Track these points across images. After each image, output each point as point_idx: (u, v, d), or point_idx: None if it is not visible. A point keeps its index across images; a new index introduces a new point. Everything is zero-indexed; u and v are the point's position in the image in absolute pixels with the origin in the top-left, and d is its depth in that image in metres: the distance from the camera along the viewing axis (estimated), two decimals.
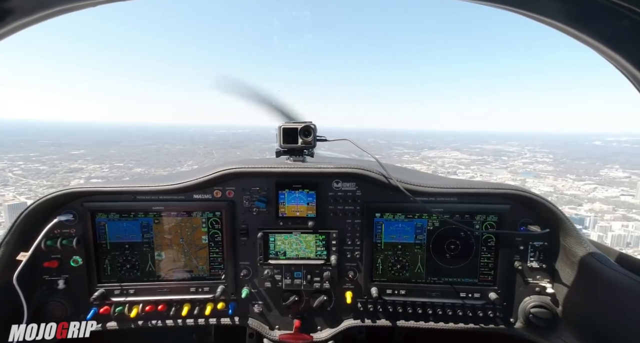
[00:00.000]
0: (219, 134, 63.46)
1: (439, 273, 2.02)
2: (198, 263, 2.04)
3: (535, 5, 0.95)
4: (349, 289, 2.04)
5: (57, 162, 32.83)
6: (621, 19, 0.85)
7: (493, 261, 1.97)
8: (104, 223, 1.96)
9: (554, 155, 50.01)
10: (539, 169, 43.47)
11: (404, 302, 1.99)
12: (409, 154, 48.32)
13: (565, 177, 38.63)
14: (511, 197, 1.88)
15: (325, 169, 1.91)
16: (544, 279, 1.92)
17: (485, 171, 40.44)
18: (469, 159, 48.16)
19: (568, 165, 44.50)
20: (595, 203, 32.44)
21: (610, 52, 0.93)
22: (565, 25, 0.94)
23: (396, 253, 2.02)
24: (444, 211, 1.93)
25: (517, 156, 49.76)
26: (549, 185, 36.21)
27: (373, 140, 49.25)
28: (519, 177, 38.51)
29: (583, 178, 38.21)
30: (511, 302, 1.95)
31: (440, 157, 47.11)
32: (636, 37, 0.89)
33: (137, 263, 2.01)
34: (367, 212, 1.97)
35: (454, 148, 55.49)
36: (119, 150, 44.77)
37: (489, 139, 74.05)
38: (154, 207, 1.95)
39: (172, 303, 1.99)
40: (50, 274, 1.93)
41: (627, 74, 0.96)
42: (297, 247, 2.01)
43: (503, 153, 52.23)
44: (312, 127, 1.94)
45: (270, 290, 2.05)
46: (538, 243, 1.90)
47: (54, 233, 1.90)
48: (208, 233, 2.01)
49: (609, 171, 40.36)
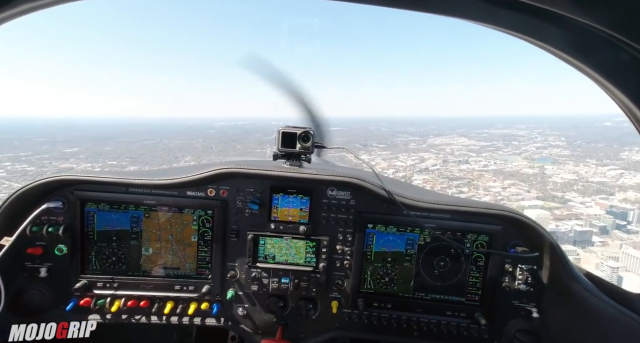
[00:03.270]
0: (219, 126, 62.07)
1: (427, 289, 2.01)
2: (185, 261, 2.01)
3: (538, 33, 0.98)
4: (336, 299, 2.01)
5: (47, 162, 31.42)
6: (620, 52, 0.88)
7: (481, 281, 1.96)
8: (93, 213, 1.94)
9: (567, 138, 47.81)
10: (555, 153, 41.32)
11: (389, 315, 1.97)
12: (415, 141, 46.30)
13: (585, 162, 36.42)
14: (504, 219, 1.88)
15: (321, 176, 1.89)
16: (530, 303, 1.91)
17: (498, 158, 38.57)
18: (478, 145, 46.25)
19: (584, 149, 42.34)
20: (628, 191, 29.11)
21: (607, 84, 0.96)
22: (566, 54, 0.98)
23: (385, 265, 2.01)
24: (436, 227, 1.93)
25: (527, 140, 47.75)
26: (570, 171, 34.06)
27: (376, 128, 47.07)
28: (535, 163, 36.57)
29: (605, 162, 35.91)
30: (496, 324, 1.93)
31: (448, 145, 45.22)
32: (632, 71, 0.92)
33: (124, 256, 1.98)
34: (359, 222, 1.96)
35: (461, 134, 53.59)
36: (115, 147, 43.29)
37: (495, 123, 72.09)
38: (146, 201, 1.93)
39: (155, 299, 1.95)
40: (32, 261, 1.90)
41: (623, 106, 1.00)
42: (287, 251, 2.00)
43: (513, 137, 50.25)
44: (311, 133, 1.94)
45: (257, 294, 2.01)
46: (527, 266, 1.89)
47: (40, 219, 1.86)
48: (198, 231, 1.99)
49: (630, 154, 37.93)
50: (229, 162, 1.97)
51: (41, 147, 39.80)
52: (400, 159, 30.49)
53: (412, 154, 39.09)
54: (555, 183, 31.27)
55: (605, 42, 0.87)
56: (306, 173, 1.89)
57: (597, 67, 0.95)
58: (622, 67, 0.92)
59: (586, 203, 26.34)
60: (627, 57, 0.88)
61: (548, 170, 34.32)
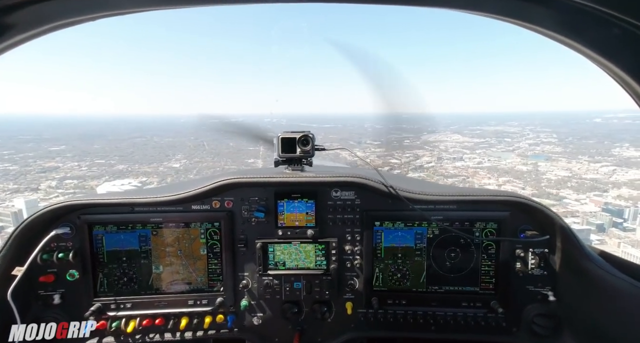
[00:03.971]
0: (211, 123, 60.48)
1: (440, 282, 1.99)
2: (196, 275, 2.01)
3: (527, 14, 0.97)
4: (350, 299, 2.00)
5: (31, 161, 30.28)
6: (612, 27, 0.87)
7: (494, 269, 1.94)
8: (101, 235, 1.94)
9: (558, 135, 48.18)
10: (548, 150, 41.53)
11: (405, 311, 1.95)
12: (409, 138, 45.43)
13: (578, 159, 36.70)
14: (510, 204, 1.86)
15: (324, 178, 1.89)
16: (546, 286, 1.88)
17: (492, 155, 38.63)
18: (471, 142, 46.33)
19: (576, 145, 42.68)
20: (621, 188, 28.90)
21: (602, 60, 0.95)
22: (557, 33, 0.97)
23: (396, 262, 2.00)
24: (443, 219, 1.91)
25: (520, 137, 47.99)
26: (563, 168, 34.22)
27: (370, 125, 45.15)
28: (529, 160, 36.69)
29: (597, 159, 36.24)
30: (513, 311, 1.91)
31: (442, 141, 45.16)
32: (627, 45, 0.91)
33: (135, 276, 1.98)
34: (366, 221, 1.95)
35: (454, 131, 53.60)
36: (104, 145, 42.10)
37: (488, 120, 72.37)
38: (152, 219, 1.93)
39: (169, 316, 1.95)
40: (45, 289, 1.89)
41: (619, 80, 0.99)
42: (297, 256, 1.98)
43: (505, 134, 50.47)
44: (310, 137, 1.93)
45: (270, 301, 2.00)
46: (538, 250, 1.86)
47: (50, 246, 1.86)
48: (206, 244, 1.99)
49: (621, 150, 38.37)
50: (232, 173, 1.98)
51: (26, 145, 38.49)
52: (395, 156, 30.10)
53: (406, 150, 38.86)
54: (549, 180, 31.33)
55: (596, 18, 0.87)
56: (309, 177, 1.89)
57: (591, 44, 0.95)
58: (616, 41, 0.92)
59: (581, 200, 26.42)
60: (619, 31, 0.87)
61: (541, 167, 34.47)
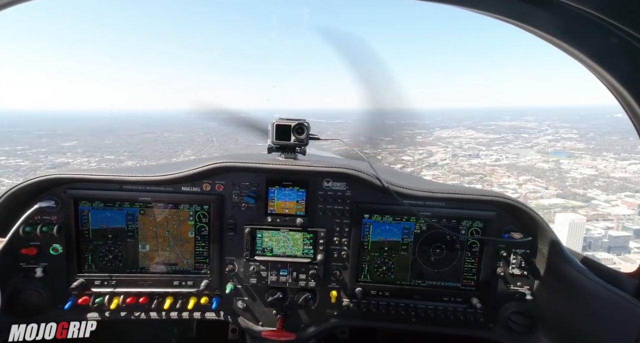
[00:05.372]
0: (221, 119, 59.92)
1: (424, 276, 2.04)
2: (183, 256, 2.01)
3: (529, 17, 0.97)
4: (334, 288, 2.03)
5: (42, 156, 30.59)
6: (609, 36, 0.87)
7: (476, 266, 1.99)
8: (87, 211, 1.92)
9: (578, 131, 46.20)
10: (569, 146, 39.83)
11: (387, 303, 1.99)
12: (421, 134, 44.18)
13: (603, 156, 34.97)
14: (497, 204, 1.90)
15: (317, 168, 1.90)
16: (524, 286, 1.95)
17: (510, 152, 37.23)
18: (487, 138, 44.77)
19: (599, 142, 40.74)
20: None
21: (597, 67, 0.95)
22: (556, 38, 0.97)
23: (382, 254, 2.03)
24: (431, 215, 1.94)
25: (538, 132, 46.22)
26: (588, 165, 32.68)
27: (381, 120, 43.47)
28: (550, 157, 35.25)
29: (624, 156, 34.40)
30: (491, 308, 1.97)
31: (456, 137, 43.79)
32: (622, 55, 0.91)
33: (120, 254, 1.97)
34: (356, 213, 1.97)
35: (468, 126, 51.93)
36: (114, 141, 42.29)
37: (503, 115, 70.20)
38: (141, 198, 1.92)
39: (154, 295, 1.95)
40: (27, 261, 1.88)
41: (611, 87, 0.99)
42: (285, 244, 2.00)
43: (522, 130, 48.69)
44: (305, 125, 1.92)
45: (256, 287, 2.02)
46: (520, 251, 1.92)
47: (33, 219, 1.85)
48: (195, 226, 1.99)
49: None
50: (224, 156, 1.96)
51: (40, 141, 38.93)
52: (407, 153, 29.03)
53: (419, 147, 37.62)
54: (574, 179, 29.80)
55: (595, 26, 0.87)
56: (301, 166, 1.89)
57: (587, 51, 0.95)
58: (612, 50, 0.92)
59: (611, 202, 24.90)
60: (616, 40, 0.88)
61: (564, 164, 32.96)
